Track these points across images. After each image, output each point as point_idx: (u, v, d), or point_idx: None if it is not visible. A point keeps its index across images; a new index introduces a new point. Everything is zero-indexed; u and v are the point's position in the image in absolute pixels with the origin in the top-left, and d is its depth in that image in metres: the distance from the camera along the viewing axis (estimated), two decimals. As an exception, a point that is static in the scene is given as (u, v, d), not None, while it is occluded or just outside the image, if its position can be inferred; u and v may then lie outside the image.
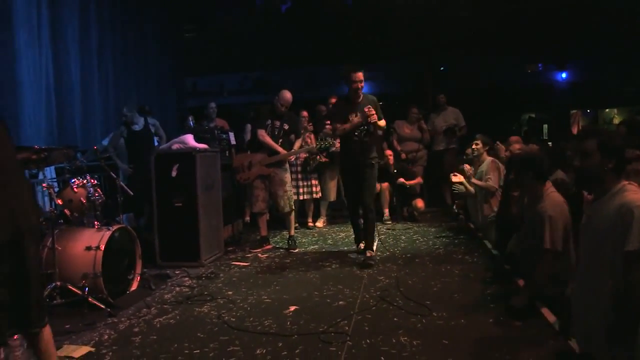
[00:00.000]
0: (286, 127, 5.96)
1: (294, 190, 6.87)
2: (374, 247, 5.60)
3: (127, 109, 6.31)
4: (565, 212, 3.54)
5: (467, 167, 6.12)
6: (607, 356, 2.34)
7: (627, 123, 4.39)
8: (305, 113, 7.32)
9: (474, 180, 5.87)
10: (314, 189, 7.19)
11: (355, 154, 5.31)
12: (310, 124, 7.47)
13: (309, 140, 7.13)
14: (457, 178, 6.11)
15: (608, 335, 2.30)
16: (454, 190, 6.57)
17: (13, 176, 2.44)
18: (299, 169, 7.09)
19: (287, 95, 5.93)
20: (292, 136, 6.09)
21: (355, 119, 5.22)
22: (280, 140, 5.92)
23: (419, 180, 7.63)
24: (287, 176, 6.04)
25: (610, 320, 2.31)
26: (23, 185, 2.51)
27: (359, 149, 5.28)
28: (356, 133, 5.26)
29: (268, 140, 5.88)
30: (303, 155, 6.99)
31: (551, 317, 3.43)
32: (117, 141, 6.41)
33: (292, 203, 6.11)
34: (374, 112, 5.06)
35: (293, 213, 6.17)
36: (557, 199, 3.59)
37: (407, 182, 7.43)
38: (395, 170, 7.41)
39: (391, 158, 7.52)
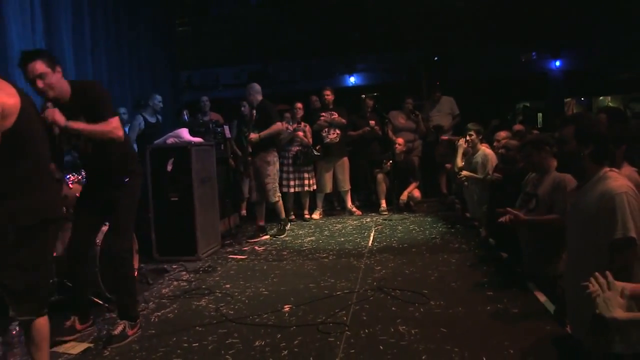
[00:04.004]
0: (254, 114, 6.18)
1: (287, 182, 7.09)
2: (136, 317, 3.46)
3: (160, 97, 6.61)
4: None
5: (461, 141, 6.13)
6: (591, 341, 2.36)
7: (606, 110, 4.40)
8: (299, 105, 7.30)
9: (464, 173, 5.84)
10: (306, 181, 7.19)
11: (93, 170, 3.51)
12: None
13: (302, 133, 7.14)
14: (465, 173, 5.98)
15: (592, 320, 2.32)
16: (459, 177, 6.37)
17: (47, 169, 2.63)
18: (290, 161, 7.10)
19: (253, 86, 6.23)
20: None
21: None
22: (257, 130, 6.10)
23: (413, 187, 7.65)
24: (270, 169, 6.16)
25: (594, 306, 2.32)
26: (53, 178, 2.74)
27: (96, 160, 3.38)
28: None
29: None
30: (295, 148, 7.05)
31: (548, 304, 3.46)
32: (134, 134, 6.31)
33: (277, 194, 6.30)
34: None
35: (280, 202, 6.37)
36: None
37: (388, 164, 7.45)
38: (391, 161, 7.40)
39: (399, 147, 7.52)
